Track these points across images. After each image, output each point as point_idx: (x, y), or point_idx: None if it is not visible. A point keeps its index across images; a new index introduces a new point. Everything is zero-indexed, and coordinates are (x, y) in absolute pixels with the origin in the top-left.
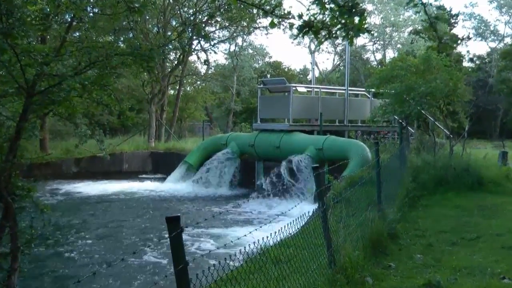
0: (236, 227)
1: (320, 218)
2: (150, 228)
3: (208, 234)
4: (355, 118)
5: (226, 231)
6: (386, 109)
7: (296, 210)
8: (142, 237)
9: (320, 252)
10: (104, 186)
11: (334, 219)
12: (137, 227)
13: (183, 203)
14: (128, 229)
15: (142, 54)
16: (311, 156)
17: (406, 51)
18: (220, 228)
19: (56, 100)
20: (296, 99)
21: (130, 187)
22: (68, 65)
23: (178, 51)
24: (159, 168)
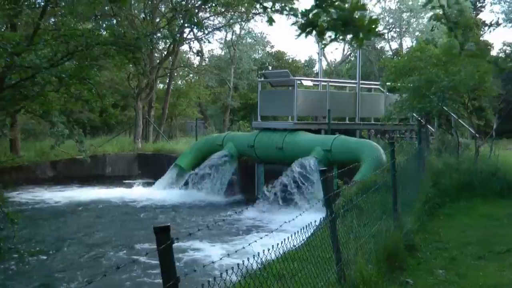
0: (234, 239)
1: (328, 228)
2: (136, 239)
3: (201, 246)
4: (368, 115)
5: (222, 243)
6: (403, 105)
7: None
8: (127, 250)
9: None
10: (84, 192)
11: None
12: (121, 238)
13: (174, 211)
14: (111, 241)
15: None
16: (318, 159)
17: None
18: (216, 239)
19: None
20: (301, 94)
21: (114, 194)
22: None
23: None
24: (147, 172)
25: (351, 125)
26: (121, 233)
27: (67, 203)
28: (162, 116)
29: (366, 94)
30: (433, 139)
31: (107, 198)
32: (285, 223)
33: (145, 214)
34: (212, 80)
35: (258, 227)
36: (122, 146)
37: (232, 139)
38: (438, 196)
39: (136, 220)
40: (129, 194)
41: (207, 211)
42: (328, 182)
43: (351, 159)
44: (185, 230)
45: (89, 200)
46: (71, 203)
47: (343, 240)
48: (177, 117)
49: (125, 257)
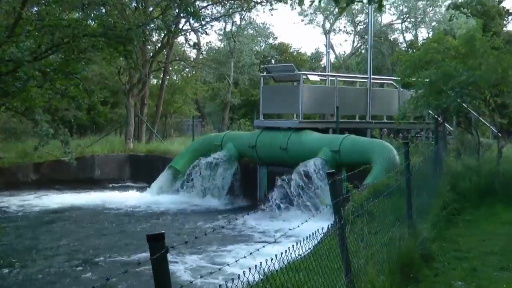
0: (234, 247)
1: (336, 236)
2: (128, 248)
3: (199, 255)
4: (380, 113)
5: (221, 252)
6: (419, 102)
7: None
8: (118, 259)
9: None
10: (70, 197)
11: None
12: (111, 247)
13: (169, 217)
14: (101, 250)
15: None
16: (326, 160)
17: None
18: (214, 248)
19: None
20: (307, 90)
21: (103, 198)
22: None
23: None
24: (139, 175)
25: (361, 123)
26: (111, 241)
27: (52, 209)
28: (156, 114)
29: (378, 89)
30: (451, 139)
31: (96, 204)
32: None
33: (138, 221)
34: (210, 75)
35: (260, 234)
36: (112, 146)
37: (232, 139)
38: (457, 201)
39: (127, 227)
40: (119, 199)
41: (204, 217)
42: (336, 186)
43: (362, 160)
44: (181, 237)
45: (76, 206)
46: (56, 209)
47: (353, 249)
48: (172, 115)
49: (116, 267)
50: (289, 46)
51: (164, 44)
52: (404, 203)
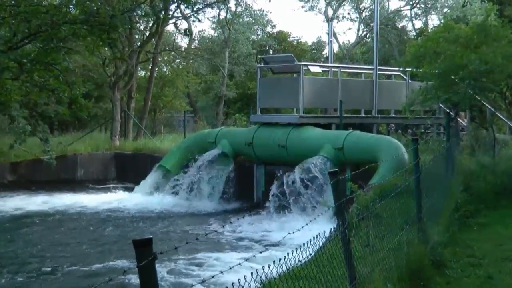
0: (228, 253)
1: (339, 241)
2: (112, 255)
3: (190, 262)
4: (387, 107)
5: (215, 259)
6: (428, 94)
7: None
8: (101, 267)
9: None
10: (50, 199)
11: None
12: (95, 254)
13: (157, 221)
14: (82, 256)
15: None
16: (328, 158)
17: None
18: (207, 254)
19: None
20: (308, 83)
21: (86, 201)
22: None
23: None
24: (126, 175)
25: (367, 118)
26: (94, 247)
27: (30, 212)
28: (144, 109)
29: (385, 82)
30: (464, 135)
31: (78, 206)
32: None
33: (123, 225)
34: (203, 66)
35: (257, 239)
36: (96, 144)
37: (227, 136)
38: (471, 203)
39: (112, 232)
40: (104, 201)
41: (196, 220)
42: (339, 186)
43: (367, 158)
44: (170, 243)
45: (56, 209)
46: (34, 213)
47: (358, 255)
48: (162, 110)
49: (99, 275)
50: (289, 34)
51: (152, 32)
52: (414, 204)
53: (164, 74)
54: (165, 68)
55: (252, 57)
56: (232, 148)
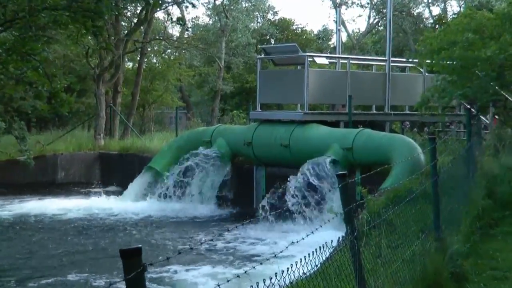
0: (225, 264)
1: (348, 251)
2: (97, 266)
3: (182, 275)
4: (401, 103)
5: (210, 270)
6: (445, 89)
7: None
8: (84, 279)
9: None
10: (27, 204)
11: (369, 252)
12: (77, 265)
13: (146, 229)
14: (64, 268)
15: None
16: (336, 159)
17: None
18: (201, 265)
19: None
20: (313, 75)
21: (68, 206)
22: None
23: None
24: (112, 178)
25: (379, 115)
26: (77, 257)
27: (5, 219)
28: (132, 104)
29: (399, 75)
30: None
31: (59, 212)
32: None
33: (109, 233)
34: (197, 57)
35: (257, 248)
36: (79, 143)
37: (224, 134)
38: (494, 210)
39: (96, 240)
40: (88, 207)
41: (190, 228)
42: (348, 190)
43: (379, 160)
44: (161, 253)
45: (34, 215)
46: (8, 219)
47: (369, 266)
48: (152, 106)
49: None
50: (292, 22)
51: (141, 19)
52: (430, 211)
53: (154, 65)
54: (155, 59)
55: (251, 47)
56: (229, 148)
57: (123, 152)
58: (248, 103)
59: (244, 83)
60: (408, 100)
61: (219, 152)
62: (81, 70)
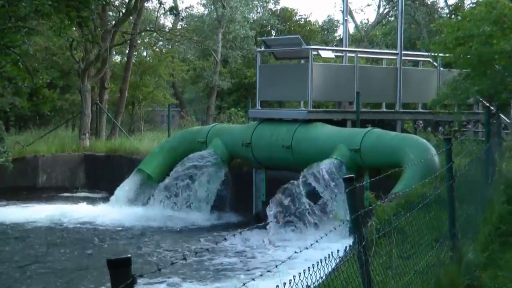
0: (221, 276)
1: (356, 262)
2: (81, 278)
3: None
4: (414, 100)
5: (204, 283)
6: (461, 85)
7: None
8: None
9: None
10: (5, 211)
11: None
12: (60, 276)
13: (136, 237)
14: (46, 280)
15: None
16: (343, 162)
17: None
18: (196, 277)
19: None
20: (318, 70)
21: (50, 213)
22: None
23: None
24: (98, 182)
25: (389, 114)
26: (60, 269)
27: None
28: (120, 102)
29: (411, 69)
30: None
31: (40, 220)
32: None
33: (95, 243)
34: (191, 50)
35: (256, 259)
36: (62, 144)
37: (220, 134)
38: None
39: (81, 250)
40: (72, 214)
41: (183, 236)
42: (356, 196)
43: (389, 162)
44: (152, 263)
45: (12, 223)
46: None
47: (378, 279)
48: (142, 103)
49: None
50: (295, 12)
51: (130, 9)
52: (446, 218)
53: (144, 59)
54: (145, 53)
55: (250, 40)
56: (226, 150)
57: (110, 154)
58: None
59: (242, 78)
60: (422, 97)
61: (215, 154)
62: (65, 64)
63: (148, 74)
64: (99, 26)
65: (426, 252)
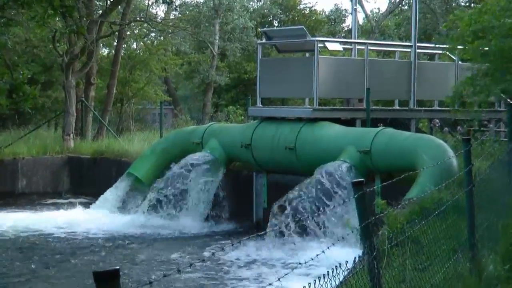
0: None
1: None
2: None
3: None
4: (429, 97)
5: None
6: (480, 82)
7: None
8: None
9: None
10: None
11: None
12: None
13: (125, 247)
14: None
15: None
16: (352, 164)
17: None
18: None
19: None
20: (324, 64)
21: (31, 220)
22: None
23: None
24: (83, 187)
25: (402, 112)
26: (42, 282)
27: None
28: (107, 99)
29: (426, 63)
30: None
31: (21, 228)
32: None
33: (81, 252)
34: (185, 43)
35: (257, 271)
36: (43, 145)
37: (217, 135)
38: None
39: (64, 261)
40: (55, 221)
41: (178, 246)
42: (365, 201)
43: (403, 165)
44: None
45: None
46: None
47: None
48: (131, 100)
49: None
50: (299, 1)
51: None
52: (464, 226)
53: (134, 52)
54: (135, 45)
55: (250, 31)
56: (223, 151)
57: (97, 156)
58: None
59: (241, 73)
60: (438, 94)
61: (212, 156)
62: (47, 57)
63: (139, 69)
64: (85, 16)
65: (443, 263)
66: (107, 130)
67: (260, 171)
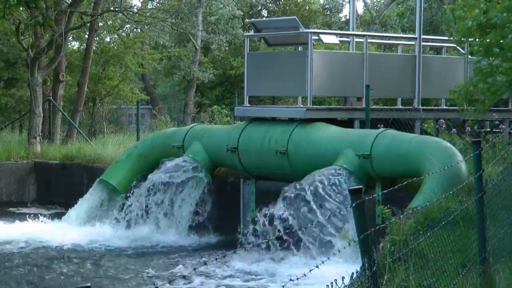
0: None
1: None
2: None
3: None
4: (435, 95)
5: None
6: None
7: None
8: None
9: None
10: None
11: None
12: None
13: (99, 262)
14: None
15: None
16: (349, 170)
17: None
18: None
19: None
20: (319, 59)
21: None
22: None
23: None
24: (52, 195)
25: (406, 112)
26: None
27: None
28: (78, 98)
29: (432, 57)
30: None
31: None
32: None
33: (48, 269)
34: (165, 35)
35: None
36: (7, 150)
37: (201, 137)
38: None
39: (31, 278)
40: (21, 233)
41: (157, 260)
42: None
43: (406, 170)
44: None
45: None
46: None
47: None
48: (105, 100)
49: None
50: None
51: None
52: (474, 238)
53: (108, 46)
54: (109, 38)
55: (237, 22)
56: (207, 156)
57: (66, 162)
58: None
59: (227, 69)
60: (445, 91)
61: (194, 161)
62: (10, 52)
63: (113, 64)
64: (52, 6)
65: (450, 279)
66: (77, 132)
67: (247, 177)
